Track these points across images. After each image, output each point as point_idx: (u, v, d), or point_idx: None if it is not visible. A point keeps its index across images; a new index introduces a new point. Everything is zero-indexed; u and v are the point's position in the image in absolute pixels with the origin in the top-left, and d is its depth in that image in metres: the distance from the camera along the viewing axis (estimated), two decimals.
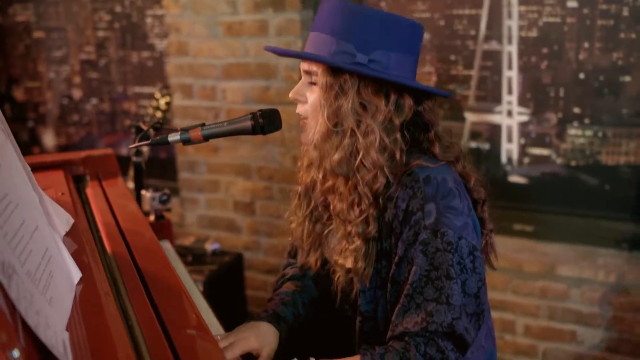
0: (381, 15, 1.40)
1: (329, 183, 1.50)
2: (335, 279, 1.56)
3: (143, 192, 2.29)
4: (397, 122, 1.41)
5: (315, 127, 1.45)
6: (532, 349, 2.74)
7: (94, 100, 3.94)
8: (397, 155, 1.41)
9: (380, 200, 1.44)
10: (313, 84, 1.46)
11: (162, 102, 3.04)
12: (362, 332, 1.53)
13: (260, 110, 1.50)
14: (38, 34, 4.00)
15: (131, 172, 2.79)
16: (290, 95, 1.51)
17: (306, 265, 1.73)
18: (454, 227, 1.35)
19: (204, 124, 1.52)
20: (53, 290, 1.08)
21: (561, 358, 2.70)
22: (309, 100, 1.47)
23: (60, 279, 1.15)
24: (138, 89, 3.78)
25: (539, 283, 2.66)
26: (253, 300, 3.31)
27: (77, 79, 3.96)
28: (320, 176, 1.51)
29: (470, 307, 1.36)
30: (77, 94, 3.98)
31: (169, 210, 2.32)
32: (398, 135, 1.42)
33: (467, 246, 1.36)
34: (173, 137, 1.52)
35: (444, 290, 1.33)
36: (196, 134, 1.50)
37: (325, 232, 1.63)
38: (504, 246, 2.77)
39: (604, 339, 2.60)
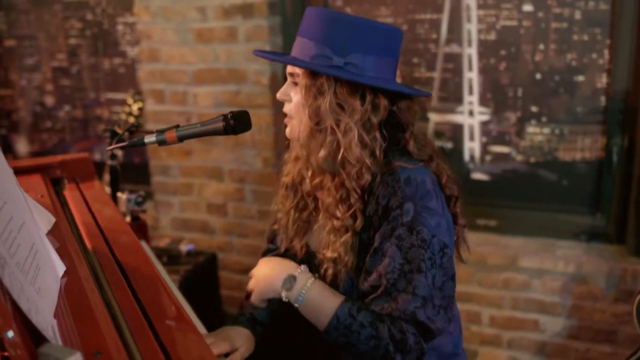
0: (358, 20, 1.47)
1: (317, 180, 1.58)
2: (322, 271, 1.61)
3: (119, 194, 2.35)
4: (374, 120, 1.48)
5: (300, 126, 1.54)
6: (497, 338, 2.84)
7: (67, 107, 3.98)
8: (377, 153, 1.49)
9: (366, 195, 1.52)
10: (296, 84, 1.54)
11: (135, 107, 3.09)
12: None
13: (231, 112, 1.58)
14: (9, 42, 4.02)
15: (106, 177, 2.85)
16: (277, 95, 1.59)
17: (291, 251, 1.79)
18: (428, 226, 1.43)
19: (178, 126, 1.60)
20: (40, 281, 1.15)
21: (525, 346, 2.80)
22: (293, 100, 1.55)
23: (47, 271, 1.22)
24: (110, 95, 3.82)
25: (502, 275, 2.76)
26: (228, 300, 3.37)
27: (49, 86, 3.99)
28: (309, 173, 1.60)
29: (437, 299, 1.45)
30: (49, 100, 4.01)
31: (144, 211, 2.38)
32: (377, 134, 1.49)
33: (438, 244, 1.44)
34: (149, 138, 1.59)
35: (412, 282, 1.42)
36: (171, 135, 1.58)
37: (315, 227, 1.69)
38: (469, 240, 2.87)
39: (565, 326, 2.71)
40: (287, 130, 1.61)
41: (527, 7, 2.75)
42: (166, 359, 1.06)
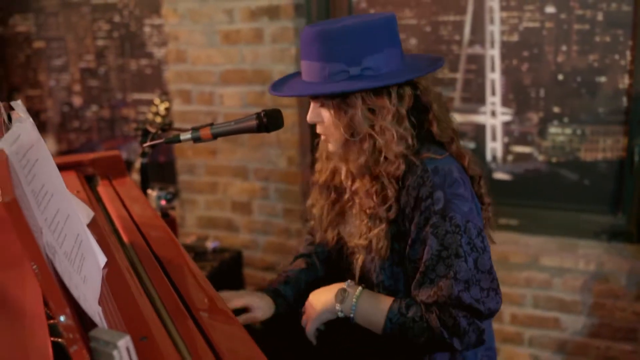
0: (356, 25, 1.50)
1: (357, 184, 1.63)
2: (354, 260, 1.68)
3: (149, 191, 2.41)
4: (403, 111, 1.54)
5: (336, 141, 1.59)
6: (518, 336, 2.87)
7: (94, 107, 4.06)
8: (410, 140, 1.54)
9: (399, 183, 1.56)
10: (322, 106, 1.58)
11: (162, 107, 3.17)
12: None
13: (264, 111, 1.64)
14: (38, 44, 4.11)
15: (134, 175, 2.92)
16: (308, 119, 1.63)
17: (323, 240, 1.87)
18: (461, 212, 1.49)
19: (212, 124, 1.66)
20: (86, 270, 1.21)
21: (546, 344, 2.82)
22: (325, 119, 1.59)
23: (90, 261, 1.28)
24: (137, 96, 3.90)
25: (523, 273, 2.79)
26: None
27: (77, 87, 4.07)
28: (349, 182, 1.67)
29: (485, 282, 1.51)
30: (77, 101, 4.10)
31: (173, 208, 2.44)
32: (407, 123, 1.54)
33: (474, 228, 1.50)
34: (185, 136, 1.66)
35: (452, 267, 1.48)
36: (206, 132, 1.64)
37: (348, 217, 1.75)
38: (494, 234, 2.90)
39: (586, 324, 2.74)
40: (330, 146, 1.65)
41: (550, 9, 2.78)
42: (208, 345, 1.12)
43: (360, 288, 1.62)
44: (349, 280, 1.65)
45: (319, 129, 1.63)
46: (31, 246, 0.95)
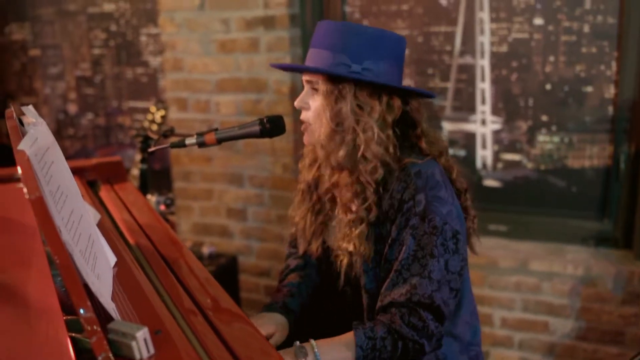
0: (370, 30, 1.61)
1: (335, 177, 1.70)
2: (339, 262, 1.72)
3: (148, 196, 2.46)
4: (389, 119, 1.61)
5: (320, 129, 1.64)
6: (508, 339, 2.92)
7: (89, 115, 4.10)
8: (391, 149, 1.61)
9: (380, 189, 1.62)
10: (315, 90, 1.64)
11: (158, 115, 3.21)
12: (369, 308, 1.70)
13: (267, 117, 1.70)
14: (34, 52, 4.15)
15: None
16: (295, 104, 1.69)
17: (308, 252, 1.91)
18: (440, 214, 1.56)
19: (217, 129, 1.72)
20: (99, 268, 1.26)
21: (535, 347, 2.87)
22: (312, 106, 1.65)
23: (102, 260, 1.33)
24: (132, 104, 3.95)
25: (513, 278, 2.84)
26: (246, 302, 3.46)
27: (72, 95, 4.11)
28: (328, 172, 1.73)
29: (454, 283, 1.57)
30: (72, 108, 4.14)
31: (172, 213, 2.49)
32: (390, 132, 1.62)
33: (450, 230, 1.57)
34: (190, 140, 1.71)
35: (427, 267, 1.54)
36: (210, 137, 1.70)
37: (331, 225, 1.81)
38: (482, 245, 2.95)
39: (574, 328, 2.79)
40: (305, 137, 1.71)
41: (538, 21, 2.85)
42: (218, 338, 1.17)
43: (312, 340, 1.55)
44: (297, 342, 1.54)
45: (303, 116, 1.68)
46: (55, 241, 1.00)
